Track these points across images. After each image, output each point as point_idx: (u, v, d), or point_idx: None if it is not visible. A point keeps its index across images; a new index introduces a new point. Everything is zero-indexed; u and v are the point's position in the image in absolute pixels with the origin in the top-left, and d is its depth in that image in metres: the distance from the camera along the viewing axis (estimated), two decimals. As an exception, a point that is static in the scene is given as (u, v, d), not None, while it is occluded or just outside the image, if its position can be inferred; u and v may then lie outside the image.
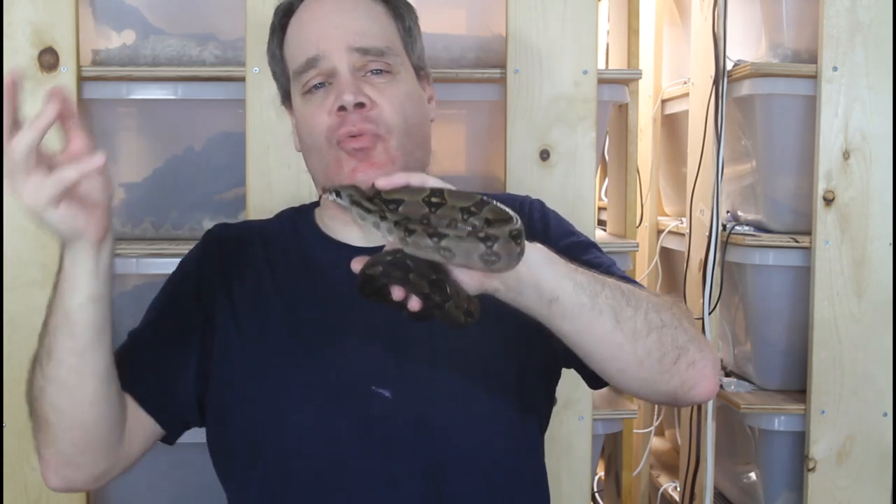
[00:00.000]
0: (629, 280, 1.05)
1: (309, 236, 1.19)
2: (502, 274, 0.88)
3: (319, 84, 1.13)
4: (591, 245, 1.18)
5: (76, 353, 0.97)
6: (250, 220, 1.30)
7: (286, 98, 1.21)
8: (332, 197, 0.98)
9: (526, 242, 0.88)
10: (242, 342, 1.11)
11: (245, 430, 1.09)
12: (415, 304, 0.89)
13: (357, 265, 0.91)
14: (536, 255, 0.91)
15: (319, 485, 1.06)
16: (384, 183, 0.89)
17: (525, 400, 1.13)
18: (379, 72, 1.12)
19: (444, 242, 0.82)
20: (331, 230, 1.19)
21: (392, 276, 0.88)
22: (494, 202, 0.87)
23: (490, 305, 0.95)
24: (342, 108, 1.09)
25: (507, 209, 0.86)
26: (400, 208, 0.87)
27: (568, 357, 1.04)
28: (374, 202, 0.91)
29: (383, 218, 0.90)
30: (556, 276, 0.93)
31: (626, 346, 0.95)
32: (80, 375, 0.98)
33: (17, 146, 0.87)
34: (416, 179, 0.90)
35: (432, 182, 0.89)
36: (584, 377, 1.11)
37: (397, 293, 0.89)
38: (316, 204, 1.26)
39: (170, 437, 1.13)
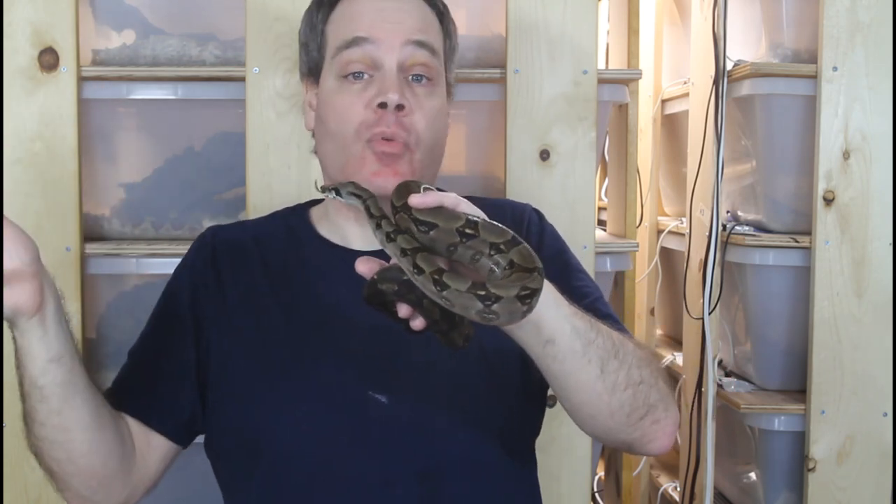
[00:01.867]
0: (615, 322, 1.07)
1: (304, 238, 1.18)
2: None
3: (359, 74, 1.11)
4: (580, 270, 1.18)
5: (54, 414, 0.96)
6: (244, 221, 1.29)
7: (310, 73, 1.19)
8: (332, 195, 0.97)
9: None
10: (238, 347, 1.11)
11: (241, 433, 1.09)
12: (419, 324, 0.89)
13: (363, 268, 0.89)
14: (544, 296, 0.90)
15: (315, 487, 1.06)
16: (418, 201, 0.86)
17: (519, 404, 1.13)
18: (419, 78, 1.11)
19: (445, 293, 0.81)
20: (328, 232, 1.18)
21: (406, 298, 0.87)
22: (524, 244, 0.85)
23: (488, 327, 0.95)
24: (382, 105, 1.07)
25: (535, 257, 0.84)
26: (431, 232, 0.85)
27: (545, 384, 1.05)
28: (395, 216, 0.89)
29: (378, 226, 0.90)
30: (558, 319, 0.93)
31: (604, 396, 0.97)
32: (66, 431, 0.98)
33: None
34: (450, 201, 0.87)
35: (464, 206, 0.87)
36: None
37: (404, 311, 0.88)
38: (311, 203, 1.25)
39: (183, 446, 1.14)
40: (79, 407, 0.98)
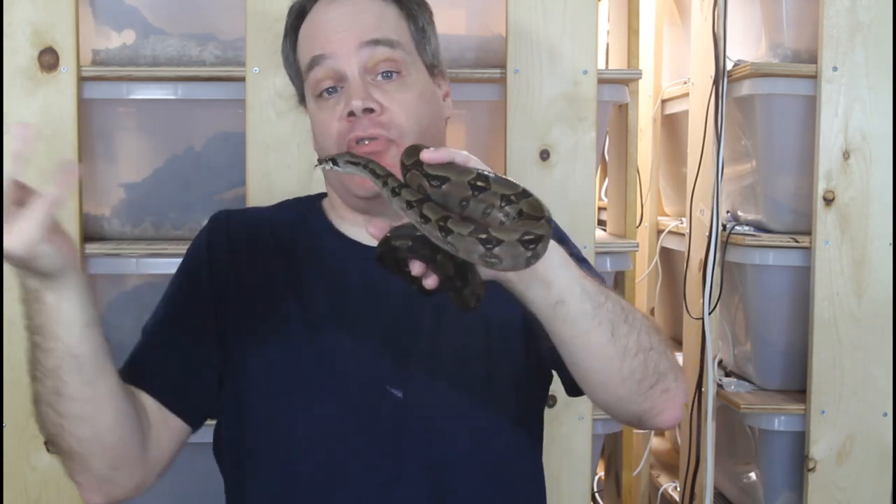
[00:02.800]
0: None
1: (320, 231, 1.18)
2: None
3: (331, 89, 1.11)
4: (583, 259, 1.18)
5: (87, 385, 0.95)
6: (255, 208, 1.28)
7: (301, 100, 1.20)
8: (329, 166, 0.97)
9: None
10: (254, 335, 1.10)
11: (257, 426, 1.09)
12: (432, 282, 0.88)
13: (375, 230, 0.89)
14: (553, 255, 0.91)
15: (327, 481, 1.06)
16: (429, 156, 0.87)
17: (523, 398, 1.14)
18: (389, 74, 1.10)
19: (449, 238, 0.82)
20: (343, 227, 1.18)
21: (420, 253, 0.87)
22: (535, 196, 0.85)
23: (492, 306, 0.95)
24: (352, 114, 1.08)
25: (544, 207, 0.84)
26: (444, 186, 0.85)
27: (552, 360, 1.05)
28: (405, 176, 0.89)
29: (385, 183, 0.91)
30: (567, 279, 0.92)
31: (615, 361, 0.96)
32: (96, 403, 0.97)
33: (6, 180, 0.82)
34: (461, 158, 0.88)
35: (474, 162, 0.88)
36: (564, 383, 1.11)
37: (417, 268, 0.88)
38: (320, 196, 1.25)
39: (195, 429, 1.13)
40: (109, 374, 0.97)
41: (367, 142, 1.08)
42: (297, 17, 1.18)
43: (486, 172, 0.86)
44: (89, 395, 0.96)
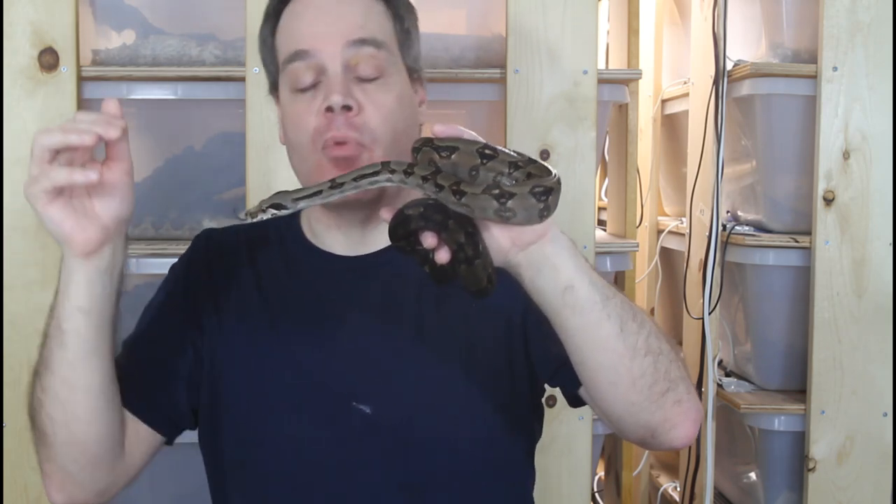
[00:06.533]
0: None
1: (293, 245, 1.16)
2: (526, 249, 0.88)
3: (310, 84, 1.09)
4: None
5: (67, 365, 0.96)
6: (237, 225, 1.28)
7: (273, 87, 1.17)
8: (268, 215, 0.99)
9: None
10: (227, 355, 1.11)
11: (230, 445, 1.09)
12: (444, 255, 0.88)
13: (387, 214, 0.91)
14: (563, 241, 0.91)
15: (299, 501, 1.06)
16: (441, 129, 0.89)
17: (510, 413, 1.10)
18: (370, 74, 1.08)
19: (464, 199, 0.85)
20: (317, 238, 1.16)
21: (431, 220, 0.89)
22: (541, 161, 0.89)
23: (475, 321, 0.94)
24: (329, 109, 1.06)
25: (551, 168, 0.88)
26: (453, 156, 0.89)
27: (553, 373, 1.04)
28: (415, 157, 0.93)
29: (392, 171, 0.93)
30: (576, 267, 0.91)
31: (625, 359, 0.93)
32: (72, 389, 0.97)
33: (41, 140, 0.88)
34: (468, 135, 0.90)
35: (481, 140, 0.91)
36: (565, 394, 1.09)
37: (429, 240, 0.88)
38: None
39: (169, 440, 1.13)
40: (93, 370, 0.97)
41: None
42: (280, 2, 1.14)
43: (493, 144, 0.89)
44: (68, 377, 0.96)
